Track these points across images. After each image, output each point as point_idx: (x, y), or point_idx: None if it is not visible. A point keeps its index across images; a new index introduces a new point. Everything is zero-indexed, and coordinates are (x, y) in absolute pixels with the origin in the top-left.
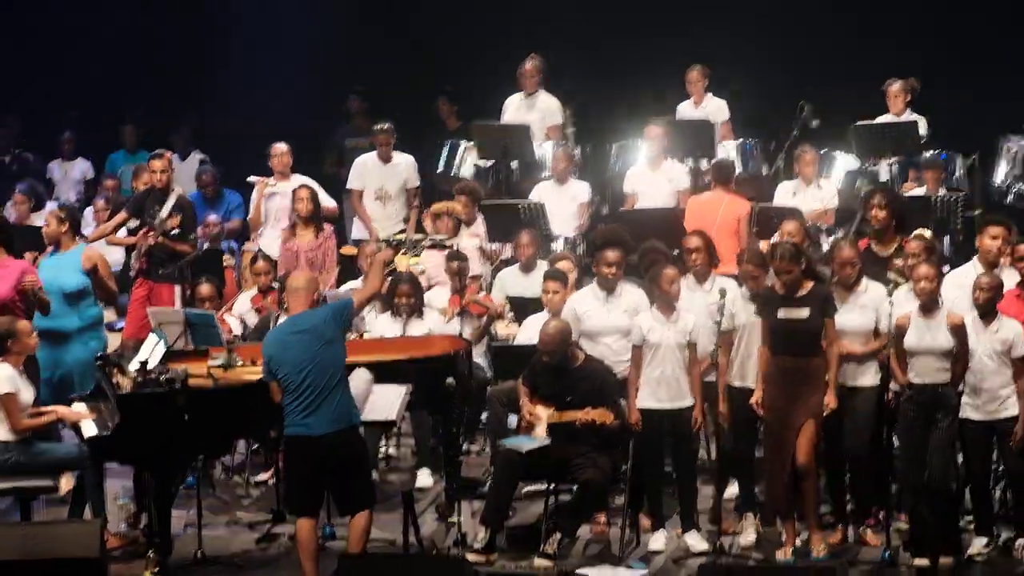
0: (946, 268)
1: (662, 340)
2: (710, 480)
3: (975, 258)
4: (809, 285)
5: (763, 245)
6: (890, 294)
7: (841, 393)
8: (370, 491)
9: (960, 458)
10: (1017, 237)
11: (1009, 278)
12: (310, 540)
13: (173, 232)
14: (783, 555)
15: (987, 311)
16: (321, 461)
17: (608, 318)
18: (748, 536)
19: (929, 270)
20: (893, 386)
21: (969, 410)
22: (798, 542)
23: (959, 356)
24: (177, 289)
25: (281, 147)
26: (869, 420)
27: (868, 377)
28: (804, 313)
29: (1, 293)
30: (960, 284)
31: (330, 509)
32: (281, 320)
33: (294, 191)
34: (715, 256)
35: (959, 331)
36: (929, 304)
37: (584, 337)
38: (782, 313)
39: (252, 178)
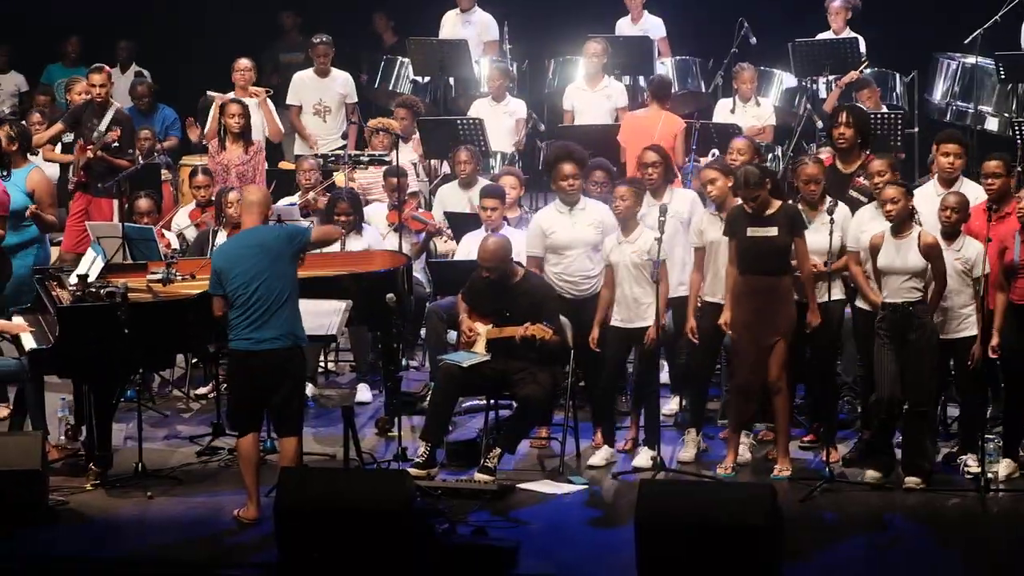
0: None
1: (619, 259)
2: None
3: (935, 176)
4: (777, 204)
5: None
6: (830, 211)
7: (805, 310)
8: (302, 415)
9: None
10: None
11: (972, 193)
12: (251, 454)
13: (112, 146)
14: (723, 470)
15: (953, 231)
16: (263, 376)
17: (573, 231)
18: (688, 452)
19: (896, 191)
20: (861, 303)
21: None
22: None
23: (937, 275)
24: (116, 203)
25: (244, 62)
26: (837, 335)
27: (835, 292)
28: (772, 231)
29: None
30: (921, 202)
31: (271, 423)
32: (220, 234)
33: (223, 106)
34: (672, 170)
35: (932, 251)
36: (899, 224)
37: (551, 252)
38: (750, 231)
39: (211, 93)
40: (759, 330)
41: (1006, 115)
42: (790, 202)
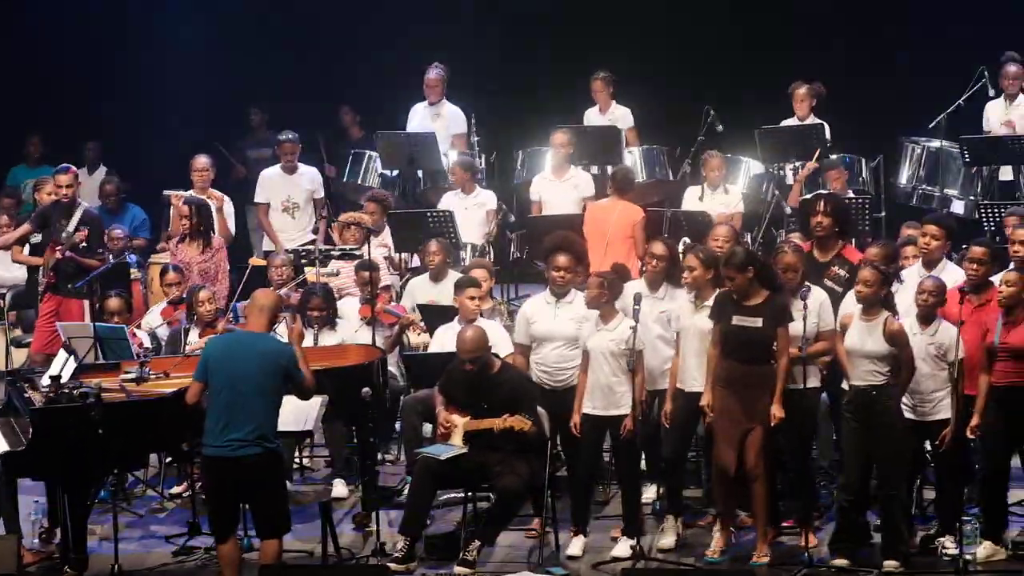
0: None
1: (596, 346)
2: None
3: (919, 260)
4: (764, 294)
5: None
6: (803, 297)
7: (790, 396)
8: (285, 518)
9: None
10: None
11: (949, 277)
12: (230, 559)
13: (81, 246)
14: (712, 554)
15: (928, 315)
16: (237, 482)
17: (554, 324)
18: (668, 539)
19: (871, 274)
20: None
21: (903, 410)
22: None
23: (904, 363)
24: (86, 304)
25: (202, 161)
26: (813, 421)
27: (811, 379)
28: (758, 322)
29: None
30: (907, 286)
31: (247, 521)
32: (192, 332)
33: (178, 207)
34: (678, 266)
35: (897, 338)
36: (869, 307)
37: (532, 341)
38: (736, 320)
39: (168, 192)
40: (739, 416)
41: (972, 198)
42: (780, 294)
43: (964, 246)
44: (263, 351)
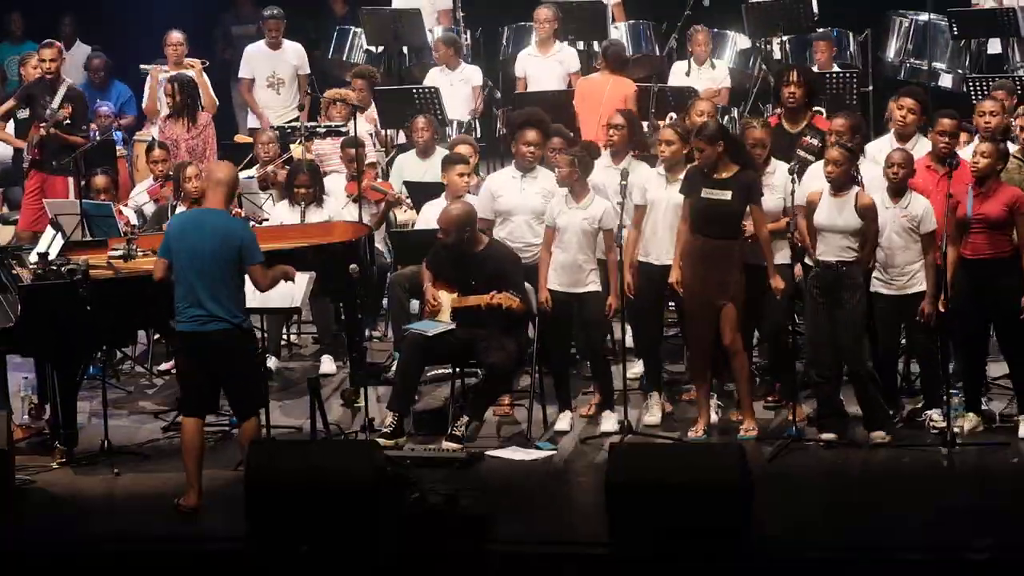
0: None
1: (568, 224)
2: (615, 361)
3: (891, 131)
4: (734, 169)
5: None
6: (792, 172)
7: (756, 273)
8: (258, 395)
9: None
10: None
11: (923, 149)
12: (192, 439)
13: (65, 123)
14: (695, 433)
15: (899, 188)
16: (205, 359)
17: (521, 197)
18: (654, 415)
19: (839, 153)
20: (809, 260)
21: (879, 285)
22: (714, 418)
23: (868, 237)
24: (71, 181)
25: (176, 36)
26: (785, 297)
27: (780, 255)
28: (727, 195)
29: None
30: (876, 159)
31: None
32: (179, 208)
33: (155, 84)
34: (638, 137)
35: (868, 212)
36: (838, 184)
37: (497, 215)
38: (704, 192)
39: (145, 66)
40: (709, 292)
41: (959, 71)
42: (749, 170)
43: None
44: (217, 227)
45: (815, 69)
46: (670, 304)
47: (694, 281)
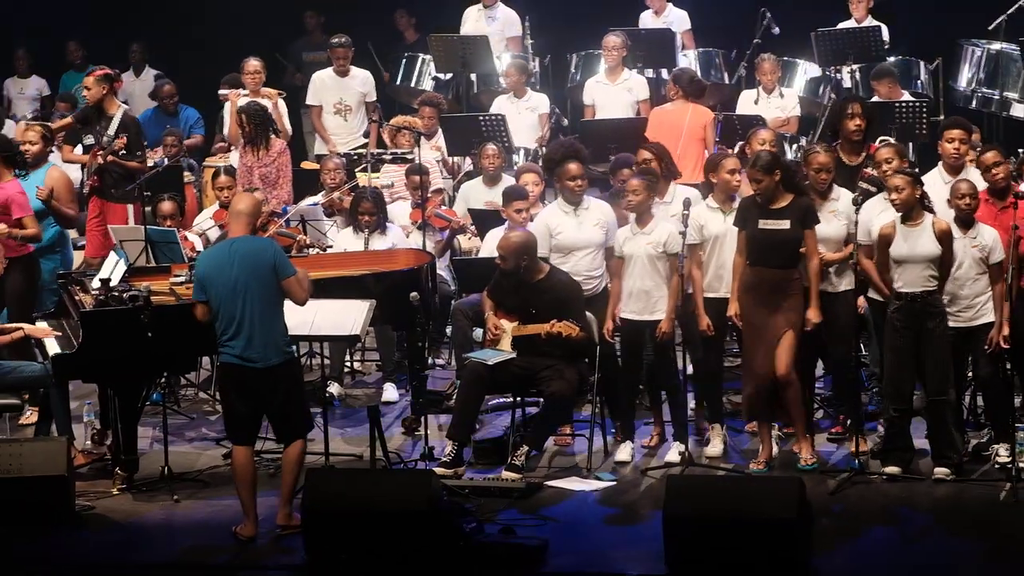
0: None
1: (633, 252)
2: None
3: (939, 164)
4: (789, 197)
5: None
6: (856, 203)
7: (822, 300)
8: (303, 419)
9: None
10: (978, 141)
11: (975, 181)
12: (244, 468)
13: (121, 152)
14: (757, 465)
15: (968, 218)
16: (251, 389)
17: (579, 232)
18: (715, 447)
19: (901, 180)
20: (874, 295)
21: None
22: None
23: (946, 262)
24: (130, 208)
25: (254, 64)
26: (851, 325)
27: (845, 282)
28: (784, 224)
29: None
30: (928, 190)
31: None
32: None
33: (234, 110)
34: (672, 168)
35: (946, 238)
36: (909, 212)
37: (556, 252)
38: (762, 224)
39: (223, 92)
40: (768, 322)
41: None
42: (804, 197)
43: (1021, 150)
44: (247, 252)
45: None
46: (732, 334)
47: (754, 313)
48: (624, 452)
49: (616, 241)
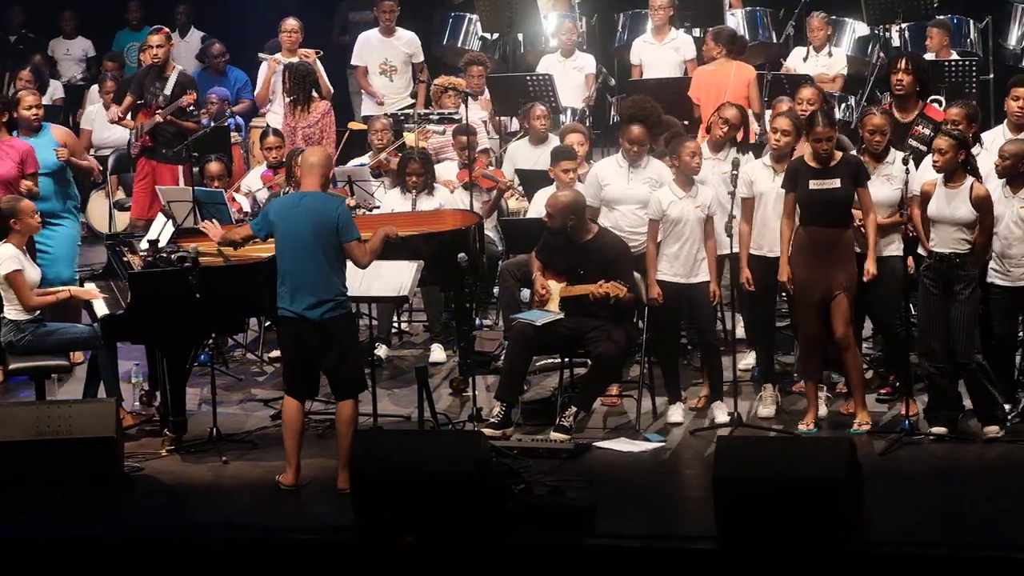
0: None
1: (683, 215)
2: (726, 352)
3: (1004, 122)
4: (838, 155)
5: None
6: (906, 162)
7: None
8: (356, 379)
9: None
10: None
11: None
12: (292, 420)
13: (189, 109)
14: (805, 426)
15: (1012, 178)
16: (306, 343)
17: (628, 187)
18: (768, 407)
19: (945, 142)
20: (921, 251)
21: (995, 276)
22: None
23: (983, 228)
24: (180, 169)
25: (292, 23)
26: (898, 289)
27: (893, 247)
28: (835, 183)
29: (3, 173)
30: (990, 149)
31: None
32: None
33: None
34: (748, 132)
35: (983, 203)
36: (951, 174)
37: (603, 205)
38: (813, 184)
39: (263, 55)
40: (821, 283)
41: None
42: (852, 152)
43: None
44: (313, 208)
45: (931, 56)
46: (781, 295)
47: (806, 274)
48: (676, 413)
49: (656, 203)
